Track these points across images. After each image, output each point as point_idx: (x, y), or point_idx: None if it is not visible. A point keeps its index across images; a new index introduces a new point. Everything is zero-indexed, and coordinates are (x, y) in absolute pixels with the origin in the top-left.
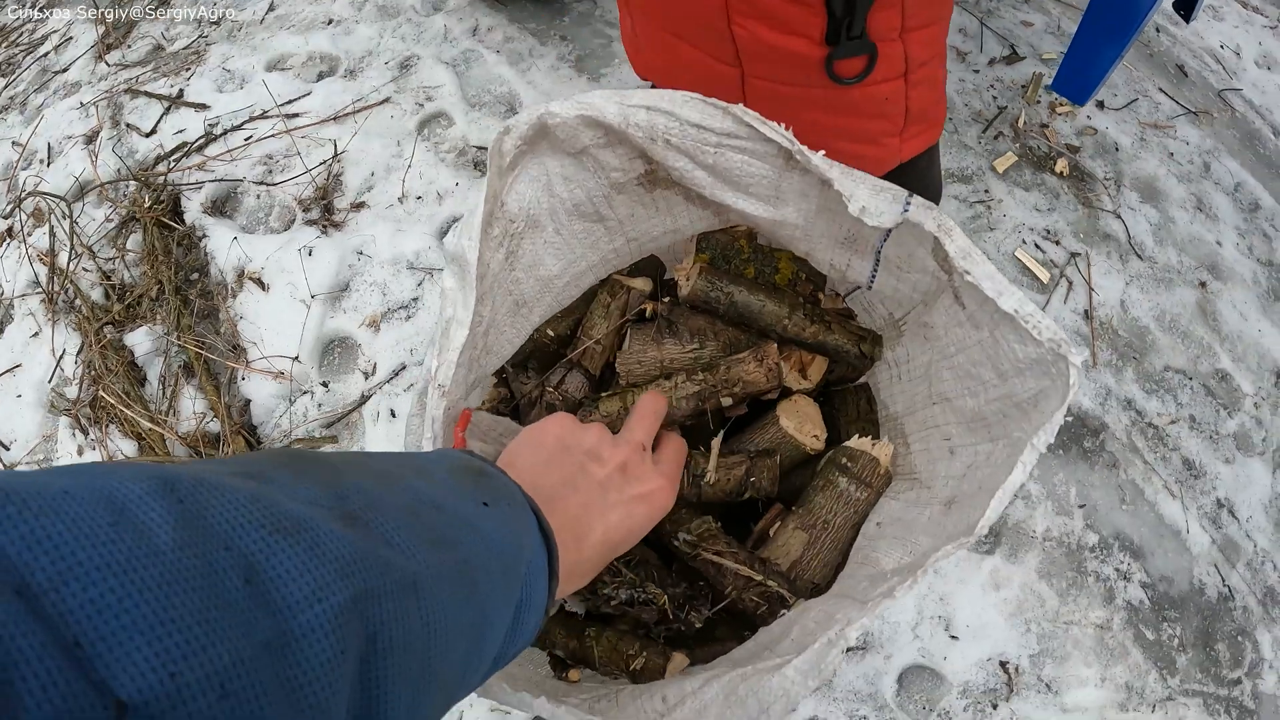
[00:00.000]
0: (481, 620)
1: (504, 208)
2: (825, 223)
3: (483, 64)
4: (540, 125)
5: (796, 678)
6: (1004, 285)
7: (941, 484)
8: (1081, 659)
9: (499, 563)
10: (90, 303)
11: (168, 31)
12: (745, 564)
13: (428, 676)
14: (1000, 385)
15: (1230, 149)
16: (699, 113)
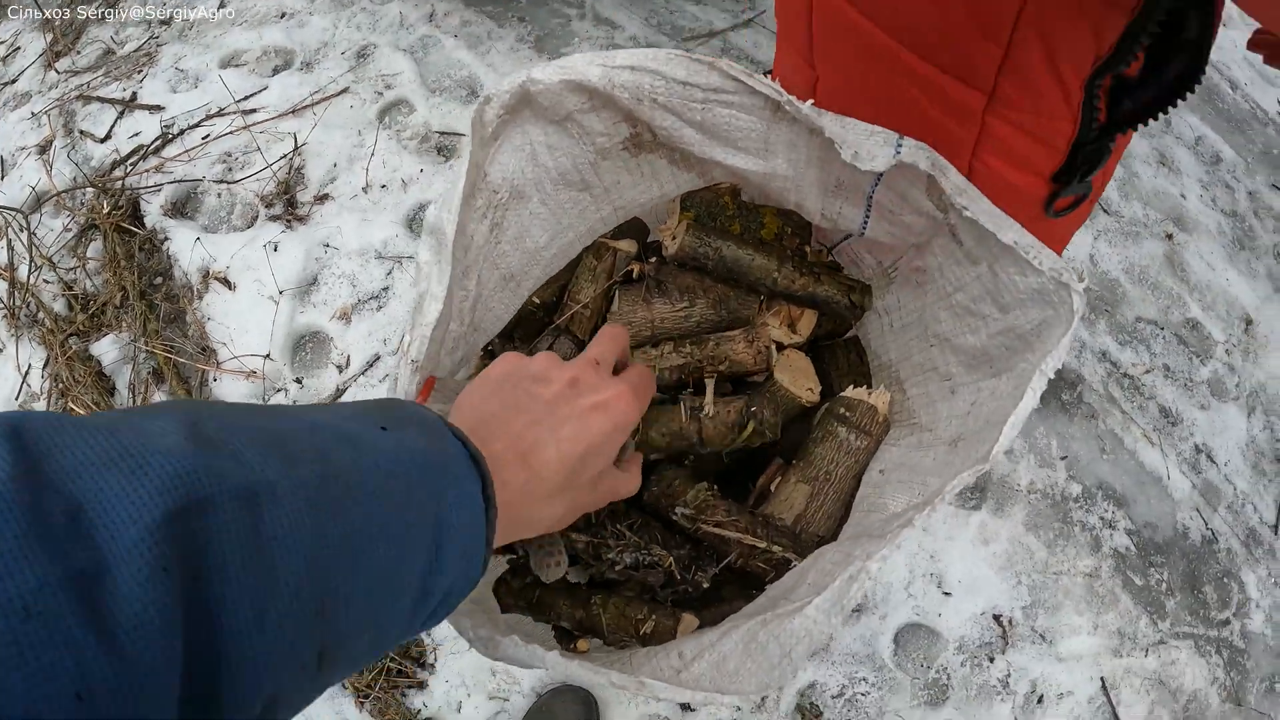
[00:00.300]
0: (364, 540)
1: (487, 179)
2: (816, 172)
3: (441, 49)
4: (523, 93)
5: (819, 616)
6: (1002, 218)
7: (945, 424)
8: (1073, 608)
9: (396, 482)
10: (54, 315)
11: (117, 34)
12: (748, 530)
13: (281, 593)
14: (1002, 319)
15: (1190, 104)
16: (685, 69)
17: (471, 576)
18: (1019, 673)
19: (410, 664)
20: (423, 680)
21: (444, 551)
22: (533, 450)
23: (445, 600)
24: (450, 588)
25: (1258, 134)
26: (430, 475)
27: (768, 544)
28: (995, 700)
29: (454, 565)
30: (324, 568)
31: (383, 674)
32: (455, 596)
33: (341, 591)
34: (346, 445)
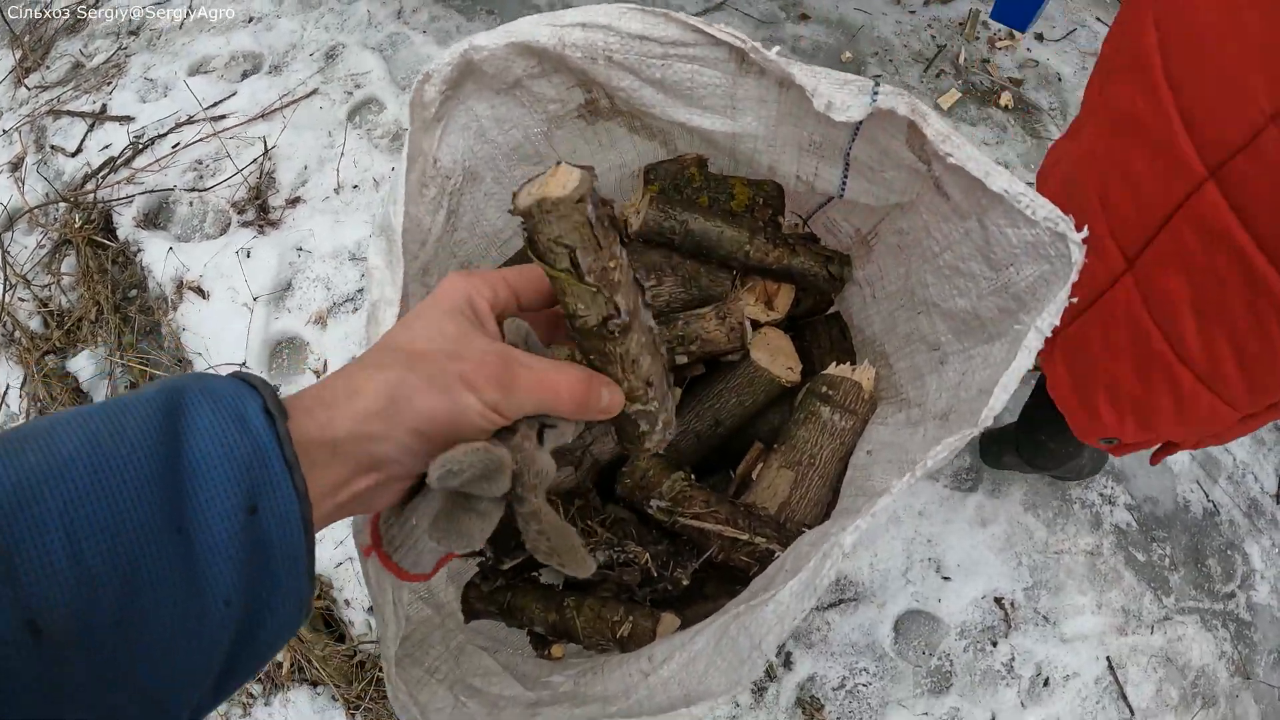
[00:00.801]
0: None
1: (437, 165)
2: (789, 129)
3: (410, 45)
4: (465, 63)
5: (790, 601)
6: (990, 165)
7: (934, 398)
8: (1076, 587)
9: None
10: (29, 333)
11: (86, 47)
12: (728, 522)
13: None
14: (994, 277)
15: None
16: (640, 23)
17: (283, 502)
18: (1023, 656)
19: None
20: None
21: (193, 473)
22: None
23: (257, 543)
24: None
25: None
26: (153, 404)
27: (750, 535)
28: (1000, 685)
29: (223, 486)
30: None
31: (372, 684)
32: (277, 527)
33: (30, 547)
34: (57, 415)
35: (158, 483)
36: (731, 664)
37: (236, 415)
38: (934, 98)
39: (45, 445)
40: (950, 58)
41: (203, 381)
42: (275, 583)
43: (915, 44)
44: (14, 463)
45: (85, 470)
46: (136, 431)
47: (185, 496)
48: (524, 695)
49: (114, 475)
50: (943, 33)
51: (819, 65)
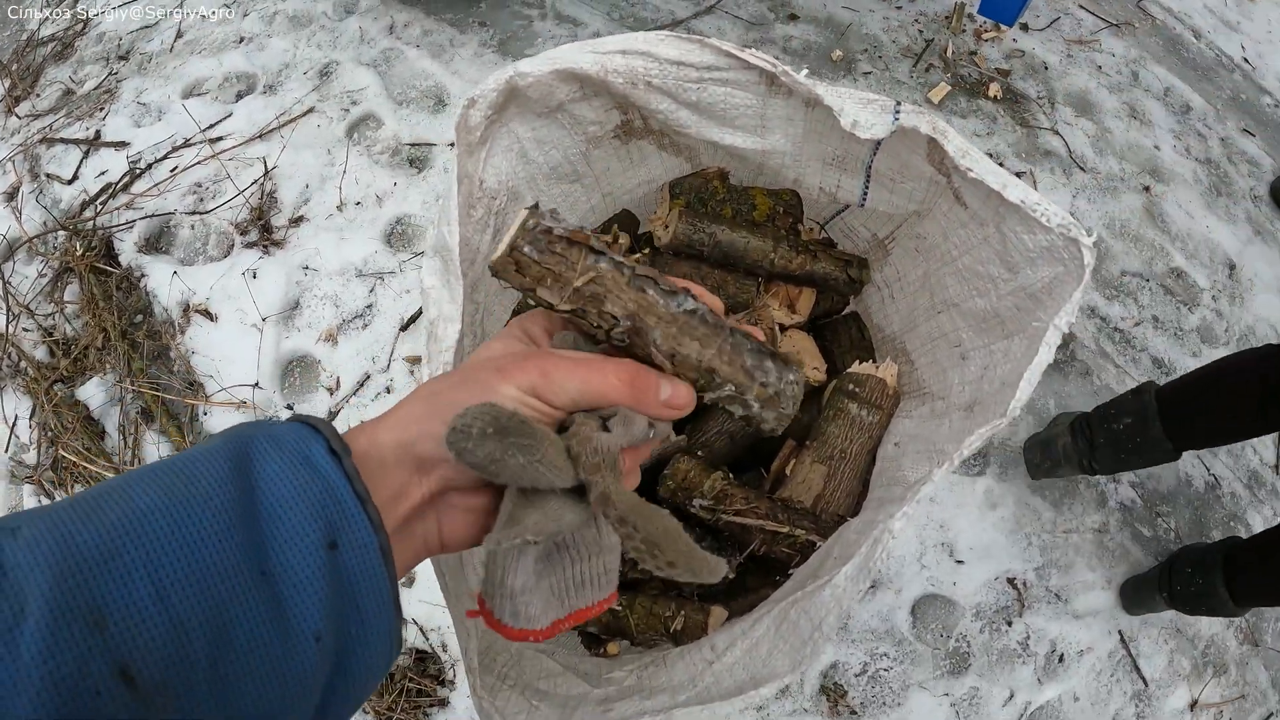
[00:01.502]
0: (129, 538)
1: (483, 186)
2: (814, 145)
3: (404, 60)
4: (509, 88)
5: (846, 585)
6: (1007, 178)
7: (957, 391)
8: (1085, 564)
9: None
10: (35, 362)
11: (76, 74)
12: (769, 516)
13: (30, 612)
14: (1012, 279)
15: (1155, 56)
16: (677, 49)
17: (360, 535)
18: (1038, 634)
19: (430, 682)
20: (444, 698)
21: (272, 517)
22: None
23: (339, 576)
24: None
25: (1225, 81)
26: (221, 455)
27: (790, 528)
28: (1016, 663)
29: (301, 525)
30: (83, 576)
31: (403, 695)
32: (356, 560)
33: (118, 600)
34: (124, 475)
35: (237, 528)
36: (794, 646)
37: (304, 458)
38: (924, 92)
39: (123, 501)
40: (938, 51)
41: (266, 429)
42: (362, 617)
43: (903, 39)
44: (95, 520)
45: (164, 522)
46: (209, 482)
47: (265, 539)
48: (592, 693)
49: (193, 524)
50: (929, 27)
51: (810, 64)
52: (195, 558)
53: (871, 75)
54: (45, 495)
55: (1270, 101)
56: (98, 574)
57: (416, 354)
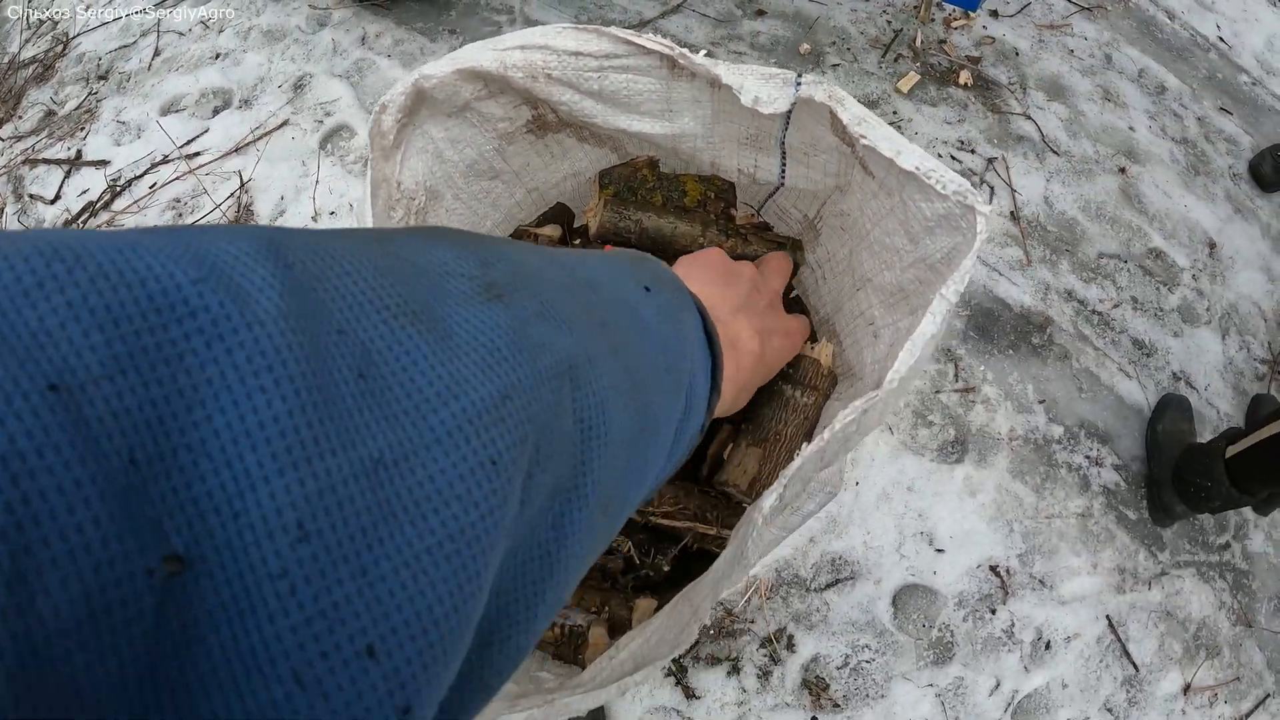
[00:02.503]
0: (646, 426)
1: (400, 187)
2: (724, 126)
3: (376, 71)
4: (416, 91)
5: (722, 568)
6: (903, 144)
7: (870, 370)
8: (1069, 550)
9: (663, 359)
10: None
11: (57, 95)
12: (697, 518)
13: (583, 492)
14: (913, 250)
15: (1129, 38)
16: (574, 40)
17: (683, 459)
18: (1023, 621)
19: None
20: None
21: (682, 437)
22: (737, 340)
23: (655, 483)
24: (676, 465)
25: (1200, 60)
26: (683, 348)
27: (717, 529)
28: (1002, 651)
29: (682, 451)
30: (623, 462)
31: None
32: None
33: (626, 486)
34: (628, 315)
35: (675, 430)
36: (675, 633)
37: (704, 375)
38: (893, 82)
39: (648, 394)
40: (907, 41)
41: (699, 348)
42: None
43: (872, 30)
44: (638, 402)
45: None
46: (669, 381)
47: (682, 428)
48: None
49: (664, 420)
50: (898, 17)
51: (778, 59)
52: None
53: (840, 67)
54: None
55: (1247, 79)
56: (627, 459)
57: None
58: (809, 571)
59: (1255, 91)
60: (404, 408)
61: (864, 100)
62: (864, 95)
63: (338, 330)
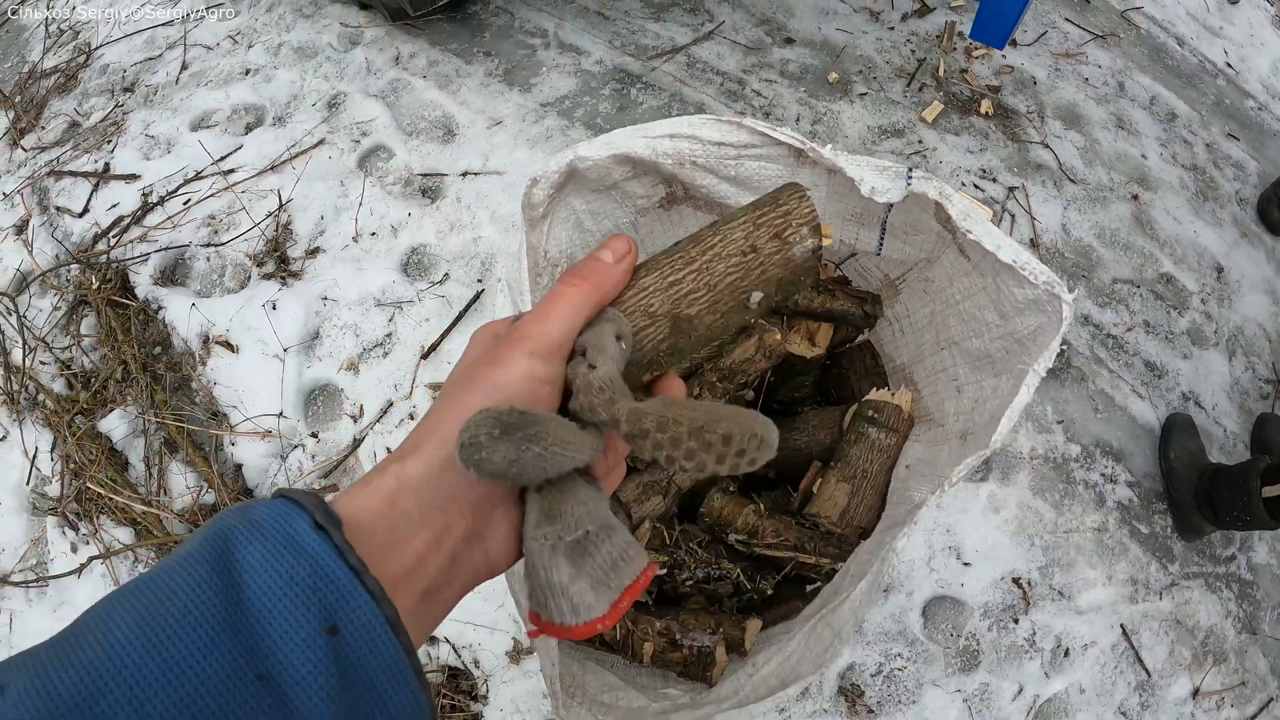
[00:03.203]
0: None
1: (547, 256)
2: (835, 205)
3: (411, 91)
4: (569, 170)
5: (861, 599)
6: (1002, 239)
7: (953, 420)
8: (1086, 563)
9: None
10: (55, 395)
11: (81, 106)
12: (798, 549)
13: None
14: (1003, 325)
15: (1141, 66)
16: (717, 132)
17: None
18: (1043, 630)
19: (463, 698)
20: (476, 712)
21: (259, 613)
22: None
23: (346, 660)
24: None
25: (1209, 86)
26: (198, 558)
27: (816, 559)
28: (1024, 659)
29: (293, 615)
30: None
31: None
32: (363, 639)
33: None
34: (105, 599)
35: (224, 636)
36: (817, 653)
37: (287, 539)
38: (918, 111)
39: (99, 636)
40: (930, 70)
41: (246, 514)
42: (381, 697)
43: (896, 59)
44: (71, 662)
45: (142, 650)
46: (187, 592)
47: (258, 639)
48: (650, 706)
49: (173, 645)
50: (921, 46)
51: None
52: (180, 681)
53: (867, 96)
54: (70, 526)
55: (1254, 105)
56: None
57: (438, 381)
58: None
59: (1261, 116)
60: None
61: (890, 129)
62: (890, 124)
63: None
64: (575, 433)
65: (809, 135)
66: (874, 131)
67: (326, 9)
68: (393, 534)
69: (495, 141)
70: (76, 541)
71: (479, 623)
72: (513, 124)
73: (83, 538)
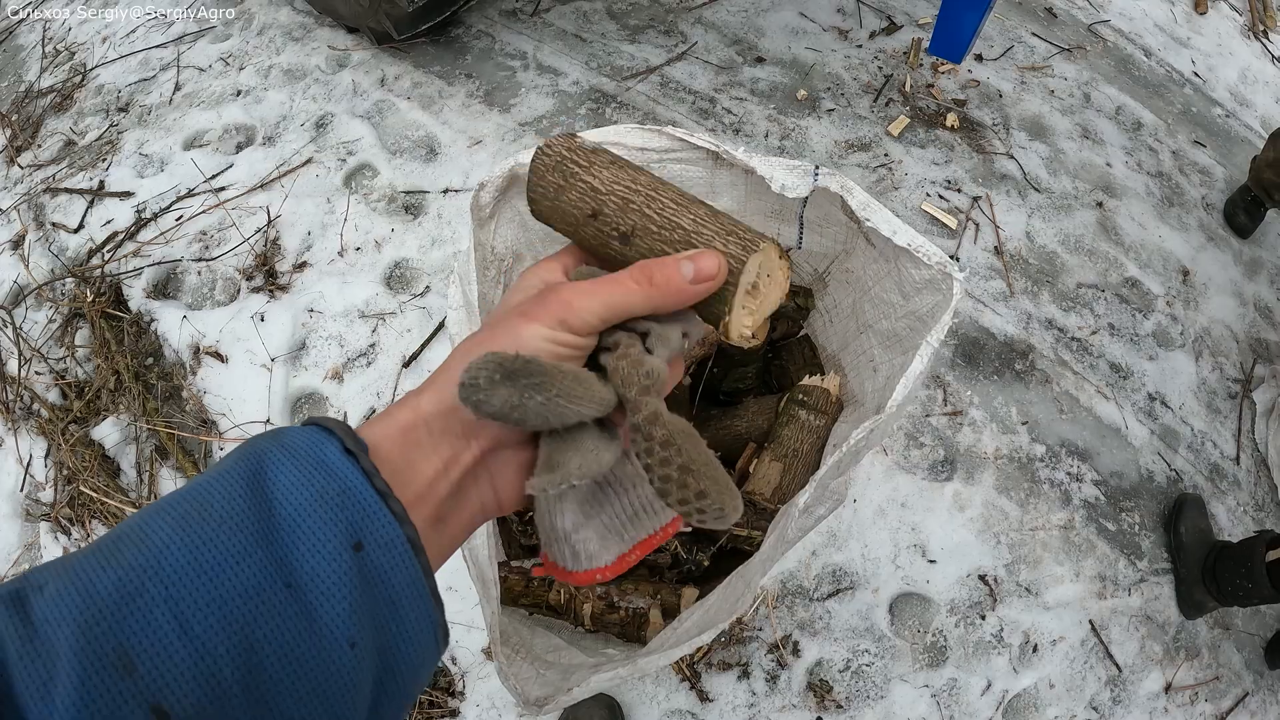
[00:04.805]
0: (145, 576)
1: (494, 251)
2: (755, 203)
3: (396, 112)
4: (511, 175)
5: (768, 551)
6: (898, 225)
7: (871, 399)
8: (1053, 559)
9: (186, 504)
10: (49, 405)
11: (76, 125)
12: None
13: (61, 665)
14: (905, 305)
15: (1107, 77)
16: (640, 138)
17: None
18: (1011, 626)
19: (441, 694)
20: (454, 708)
21: (291, 526)
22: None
23: (369, 575)
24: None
25: (1176, 95)
26: (234, 474)
27: (749, 531)
28: (992, 654)
29: (323, 531)
30: (107, 623)
31: (414, 706)
32: (386, 556)
33: (143, 639)
34: (140, 511)
35: (257, 546)
36: (731, 602)
37: (318, 462)
38: (884, 125)
39: (139, 540)
40: (897, 85)
41: (279, 439)
42: (399, 613)
43: (864, 76)
44: (111, 563)
45: (181, 553)
46: (224, 504)
47: (287, 551)
48: (587, 661)
49: (211, 551)
50: (888, 63)
51: (776, 104)
52: (215, 584)
53: (835, 112)
54: (62, 531)
55: (1221, 112)
56: (121, 617)
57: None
58: (811, 582)
59: (1229, 124)
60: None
61: (856, 143)
62: (857, 139)
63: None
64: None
65: (777, 151)
66: (840, 146)
67: (315, 32)
68: (406, 460)
69: (476, 160)
70: (69, 546)
71: (457, 620)
72: (493, 143)
73: (75, 542)
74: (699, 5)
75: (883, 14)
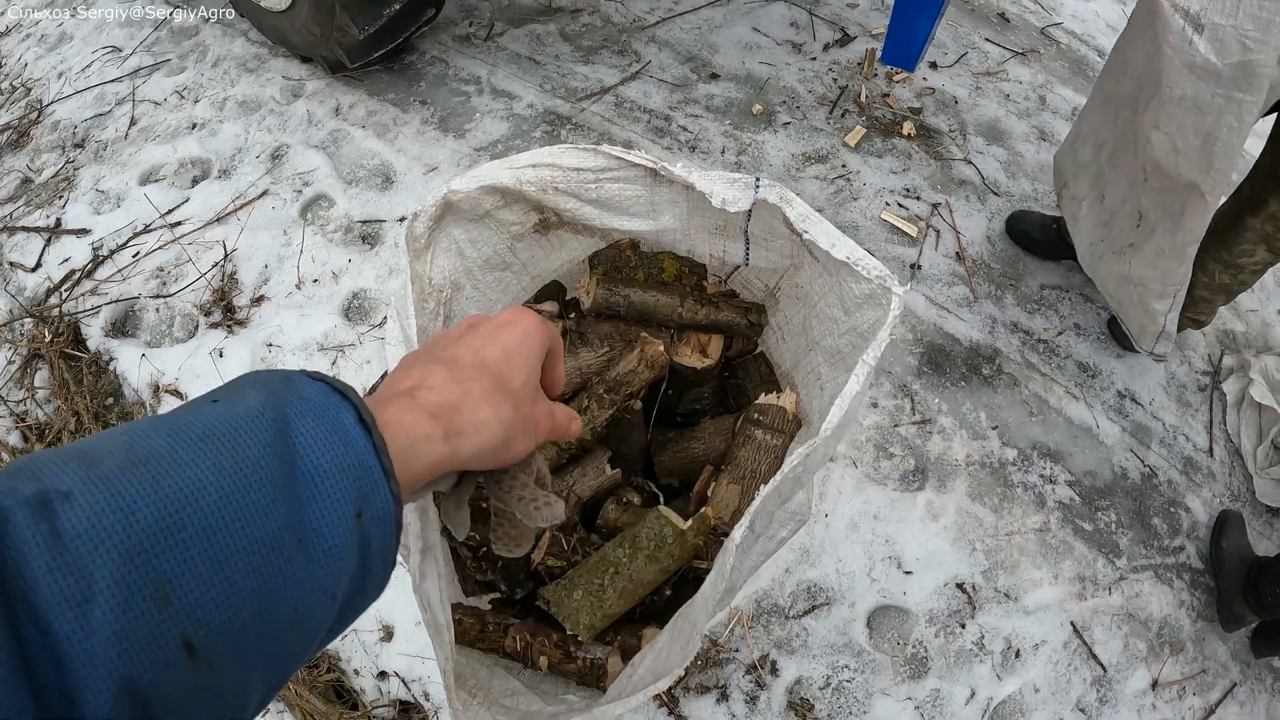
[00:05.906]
0: (192, 512)
1: (432, 282)
2: (698, 219)
3: (351, 141)
4: (444, 203)
5: (709, 591)
6: (837, 238)
7: (817, 417)
8: (1030, 563)
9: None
10: (9, 448)
11: (33, 162)
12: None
13: (99, 588)
14: (847, 320)
15: (1061, 79)
16: (575, 158)
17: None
18: (991, 633)
19: None
20: None
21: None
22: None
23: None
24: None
25: None
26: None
27: (708, 563)
28: (974, 662)
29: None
30: (147, 553)
31: None
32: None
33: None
34: (160, 429)
35: (280, 500)
36: (681, 645)
37: (336, 426)
38: (841, 136)
39: (173, 470)
40: (852, 96)
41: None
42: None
43: (819, 88)
44: (153, 492)
45: (217, 495)
46: (254, 451)
47: (303, 508)
48: (545, 710)
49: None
50: (843, 74)
51: (731, 120)
52: (246, 532)
53: (790, 125)
54: None
55: None
56: (161, 550)
57: None
58: (787, 600)
59: None
60: None
61: (813, 155)
62: (814, 151)
63: None
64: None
65: (734, 166)
66: (797, 159)
67: (270, 63)
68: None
69: (431, 187)
70: None
71: (428, 655)
72: (448, 169)
73: None
74: (652, 24)
75: (836, 26)
